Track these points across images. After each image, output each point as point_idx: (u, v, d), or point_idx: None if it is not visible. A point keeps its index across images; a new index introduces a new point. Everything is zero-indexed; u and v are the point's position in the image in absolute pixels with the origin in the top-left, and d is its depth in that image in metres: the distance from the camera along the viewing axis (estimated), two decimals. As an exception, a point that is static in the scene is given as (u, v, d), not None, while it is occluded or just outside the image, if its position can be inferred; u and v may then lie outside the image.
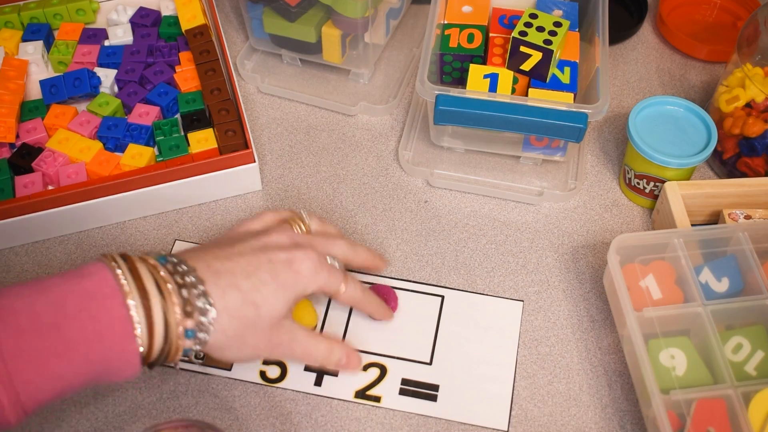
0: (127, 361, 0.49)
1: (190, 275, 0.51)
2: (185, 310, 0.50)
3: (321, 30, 0.81)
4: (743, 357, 0.61)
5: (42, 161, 0.74)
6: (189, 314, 0.50)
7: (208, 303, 0.51)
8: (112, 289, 0.49)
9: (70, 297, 0.48)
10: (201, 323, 0.51)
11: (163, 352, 0.51)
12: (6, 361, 0.46)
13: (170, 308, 0.49)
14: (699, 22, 0.95)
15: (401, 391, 0.65)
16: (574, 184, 0.78)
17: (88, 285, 0.49)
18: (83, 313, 0.48)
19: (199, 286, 0.51)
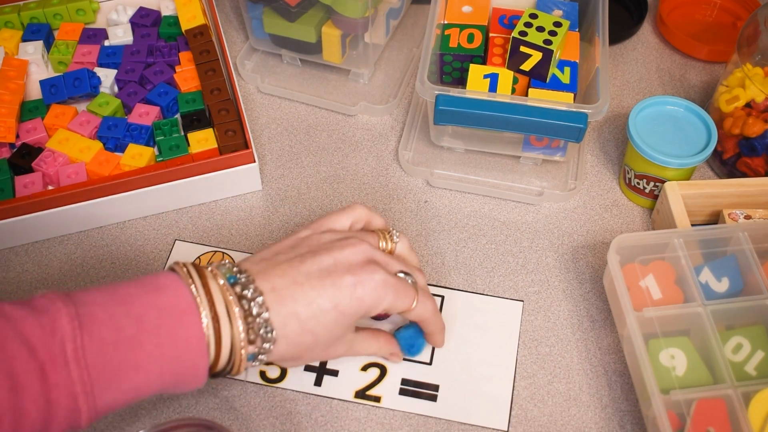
0: (196, 375, 0.51)
1: (256, 302, 0.53)
2: (249, 338, 0.52)
3: (321, 30, 0.81)
4: (743, 357, 0.61)
5: (42, 161, 0.74)
6: (252, 341, 0.52)
7: (269, 332, 0.53)
8: (188, 305, 0.51)
9: (150, 312, 0.50)
10: (262, 348, 0.53)
11: (225, 369, 0.53)
12: (90, 371, 0.47)
13: (236, 334, 0.52)
14: (699, 22, 0.95)
15: (401, 391, 0.65)
16: (574, 184, 0.78)
17: (166, 300, 0.51)
18: (162, 329, 0.49)
19: (263, 315, 0.52)
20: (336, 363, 0.66)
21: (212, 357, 0.51)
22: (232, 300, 0.52)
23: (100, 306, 0.49)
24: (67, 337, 0.47)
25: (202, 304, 0.51)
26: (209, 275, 0.53)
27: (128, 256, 0.73)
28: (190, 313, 0.50)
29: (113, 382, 0.48)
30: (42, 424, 0.46)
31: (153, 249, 0.74)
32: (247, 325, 0.52)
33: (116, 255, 0.73)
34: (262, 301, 0.53)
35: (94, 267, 0.72)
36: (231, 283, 0.53)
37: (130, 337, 0.49)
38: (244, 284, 0.53)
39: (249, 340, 0.52)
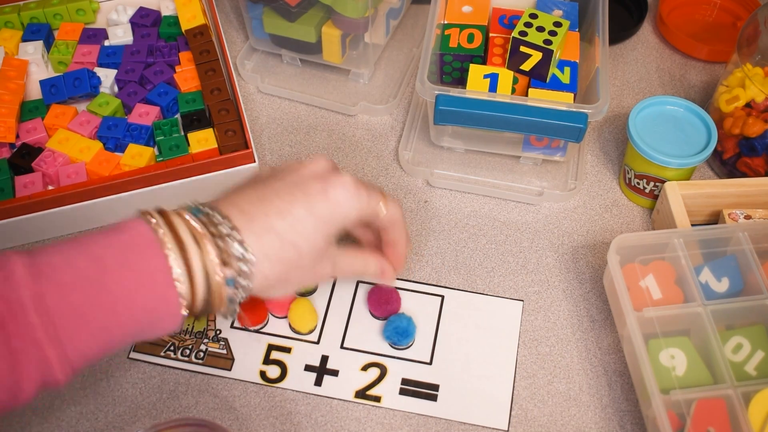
0: (168, 311, 0.49)
1: (224, 225, 0.50)
2: (223, 260, 0.49)
3: (321, 30, 0.81)
4: (743, 357, 0.61)
5: (42, 161, 0.74)
6: (227, 263, 0.50)
7: (245, 250, 0.50)
8: (149, 240, 0.49)
9: (109, 251, 0.48)
10: (241, 271, 0.50)
11: (207, 301, 0.50)
12: (52, 316, 0.45)
13: (207, 258, 0.49)
14: (699, 22, 0.95)
15: (401, 391, 0.65)
16: (574, 184, 0.78)
17: (126, 238, 0.49)
18: (123, 265, 0.48)
19: (234, 234, 0.50)
20: (336, 363, 0.67)
21: (186, 290, 0.49)
22: (197, 227, 0.50)
23: (57, 253, 0.48)
24: (22, 284, 0.45)
25: (165, 235, 0.49)
26: (172, 213, 0.51)
27: (128, 256, 0.73)
28: (152, 246, 0.48)
29: (80, 326, 0.46)
30: (11, 378, 0.44)
31: None
32: (218, 248, 0.49)
33: (116, 255, 0.73)
34: (231, 224, 0.51)
35: (94, 267, 0.72)
36: (196, 215, 0.51)
37: (91, 278, 0.47)
38: (208, 212, 0.51)
39: (223, 262, 0.49)
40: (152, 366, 0.67)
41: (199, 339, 0.68)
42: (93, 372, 0.66)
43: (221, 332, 0.69)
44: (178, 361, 0.67)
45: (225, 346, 0.68)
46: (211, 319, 0.69)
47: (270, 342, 0.68)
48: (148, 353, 0.67)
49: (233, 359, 0.67)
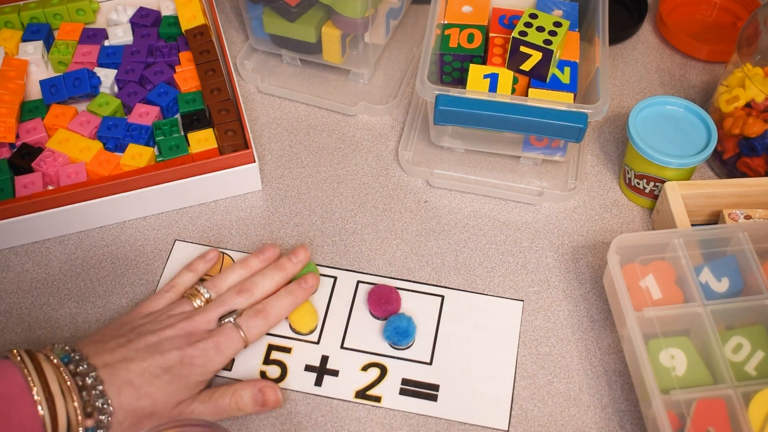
0: None
1: (90, 376, 0.55)
2: (86, 411, 0.54)
3: (321, 30, 0.81)
4: (743, 357, 0.61)
5: (42, 161, 0.74)
6: (89, 414, 0.54)
7: (105, 403, 0.55)
8: (20, 389, 0.52)
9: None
10: (100, 421, 0.55)
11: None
12: None
13: (72, 410, 0.53)
14: (699, 22, 0.95)
15: (401, 391, 0.65)
16: (574, 184, 0.78)
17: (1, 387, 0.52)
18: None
19: (98, 387, 0.55)
20: (336, 363, 0.67)
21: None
22: (66, 377, 0.54)
23: None
24: None
25: (35, 385, 0.53)
26: (42, 357, 0.55)
27: (128, 256, 0.73)
28: (23, 395, 0.52)
29: None
30: None
31: (153, 249, 0.74)
32: (83, 399, 0.54)
33: (116, 255, 0.73)
34: (96, 375, 0.55)
35: (94, 267, 0.72)
36: (65, 362, 0.55)
37: None
38: (78, 361, 0.56)
39: (86, 413, 0.54)
40: (152, 366, 0.67)
41: (199, 339, 0.68)
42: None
43: (221, 332, 0.69)
44: (178, 361, 0.67)
45: (225, 347, 0.68)
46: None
47: (270, 342, 0.68)
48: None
49: (233, 359, 0.67)
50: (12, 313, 0.69)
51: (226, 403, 0.61)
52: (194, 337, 0.61)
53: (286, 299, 0.66)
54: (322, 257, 0.73)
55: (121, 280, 0.72)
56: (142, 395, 0.57)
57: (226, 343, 0.62)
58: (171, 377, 0.58)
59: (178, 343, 0.60)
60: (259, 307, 0.64)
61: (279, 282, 0.67)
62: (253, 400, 0.61)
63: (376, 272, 0.72)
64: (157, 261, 0.73)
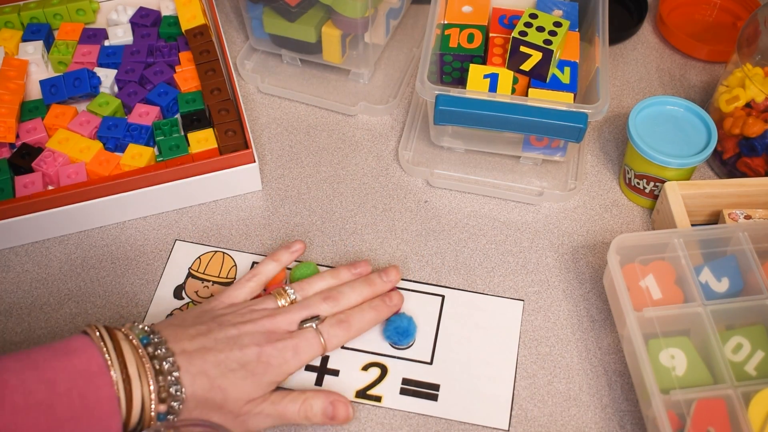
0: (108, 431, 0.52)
1: (168, 361, 0.55)
2: (160, 397, 0.54)
3: (321, 30, 0.81)
4: (743, 357, 0.61)
5: (42, 161, 0.74)
6: (163, 400, 0.54)
7: (180, 391, 0.55)
8: (99, 367, 0.52)
9: (61, 375, 0.51)
10: (171, 407, 0.55)
11: (136, 428, 0.54)
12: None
13: (147, 394, 0.53)
14: (699, 22, 0.95)
15: (402, 391, 0.65)
16: (574, 184, 0.78)
17: (77, 363, 0.52)
18: (73, 391, 0.51)
19: (174, 373, 0.55)
20: (337, 362, 0.67)
21: (124, 417, 0.53)
22: (145, 360, 0.54)
23: (11, 372, 0.50)
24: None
25: (113, 365, 0.53)
26: (122, 336, 0.55)
27: (128, 256, 0.73)
28: (101, 374, 0.52)
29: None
30: None
31: (153, 249, 0.74)
32: (158, 384, 0.54)
33: (116, 255, 0.73)
34: (174, 360, 0.55)
35: (94, 267, 0.72)
36: (144, 344, 0.55)
37: (42, 402, 0.50)
38: (157, 344, 0.56)
39: (160, 399, 0.54)
40: (152, 366, 0.67)
41: (199, 339, 0.68)
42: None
43: (221, 332, 0.69)
44: (178, 361, 0.67)
45: (225, 347, 0.68)
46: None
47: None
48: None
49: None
50: (12, 313, 0.69)
51: (295, 410, 0.60)
52: (274, 336, 0.60)
53: (370, 314, 0.65)
54: (322, 257, 0.73)
55: (121, 280, 0.72)
56: (215, 387, 0.56)
57: (305, 347, 0.61)
58: (246, 373, 0.57)
59: (257, 340, 0.59)
60: (342, 317, 0.64)
61: (366, 296, 0.66)
62: (323, 413, 0.61)
63: (376, 272, 0.72)
64: (157, 261, 0.73)
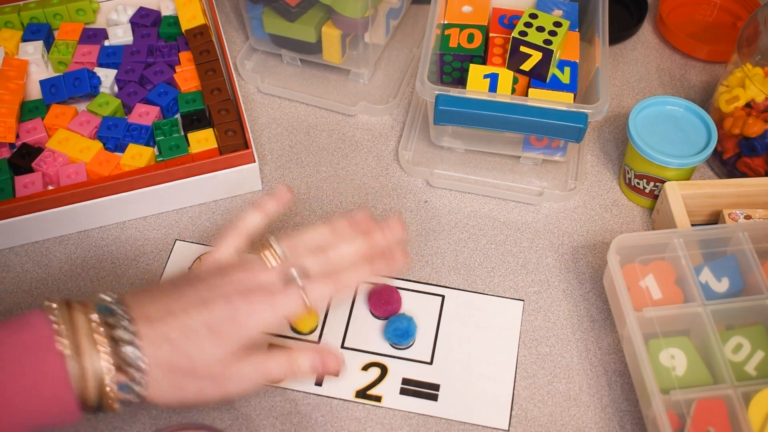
0: (67, 411, 0.50)
1: (128, 330, 0.51)
2: (118, 366, 0.51)
3: (321, 30, 0.81)
4: (743, 357, 0.61)
5: (42, 161, 0.74)
6: (121, 370, 0.51)
7: (140, 360, 0.51)
8: (47, 341, 0.50)
9: (12, 349, 0.49)
10: (134, 378, 0.51)
11: (98, 403, 0.51)
12: None
13: (100, 365, 0.50)
14: (699, 22, 0.95)
15: (402, 391, 0.65)
16: (574, 184, 0.78)
17: (26, 337, 0.50)
18: (24, 366, 0.49)
19: (134, 341, 0.51)
20: (336, 363, 0.67)
21: (80, 393, 0.50)
22: (99, 330, 0.51)
23: None
24: None
25: (62, 337, 0.50)
26: (78, 308, 0.52)
27: (128, 256, 0.73)
28: (50, 347, 0.49)
29: None
30: None
31: (153, 249, 0.74)
32: (115, 354, 0.51)
33: (116, 255, 0.73)
34: (133, 329, 0.52)
35: (94, 267, 0.72)
36: (103, 313, 0.52)
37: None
38: (115, 312, 0.52)
39: (118, 368, 0.50)
40: (152, 366, 0.67)
41: (199, 339, 0.68)
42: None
43: (221, 332, 0.69)
44: (178, 361, 0.67)
45: (225, 346, 0.68)
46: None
47: (270, 342, 0.68)
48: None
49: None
50: (12, 313, 0.69)
51: (280, 369, 0.56)
52: (250, 293, 0.55)
53: (364, 269, 0.58)
54: (322, 257, 0.73)
55: (121, 280, 0.72)
56: (179, 352, 0.52)
57: (282, 303, 0.55)
58: (213, 336, 0.53)
59: (229, 297, 0.54)
60: (331, 270, 0.57)
61: (361, 252, 0.59)
62: (311, 367, 0.57)
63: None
64: (157, 261, 0.73)
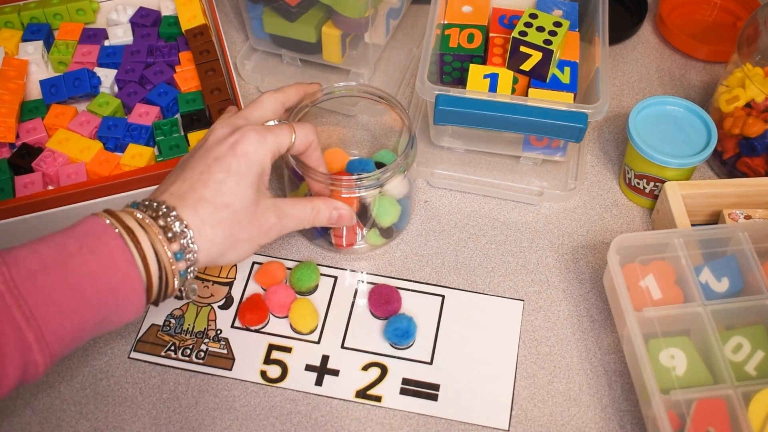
0: (132, 289, 0.52)
1: (161, 207, 0.55)
2: (167, 237, 0.54)
3: (321, 30, 0.81)
4: (743, 357, 0.61)
5: (42, 161, 0.74)
6: (172, 239, 0.54)
7: (184, 225, 0.55)
8: (104, 227, 0.53)
9: (70, 239, 0.52)
10: (184, 245, 0.55)
11: (162, 279, 0.54)
12: (26, 298, 0.48)
13: (155, 237, 0.53)
14: (699, 22, 0.95)
15: (402, 391, 0.65)
16: (574, 184, 0.78)
17: (83, 229, 0.53)
18: (84, 248, 0.51)
19: (171, 213, 0.55)
20: (337, 363, 0.67)
21: (142, 269, 0.52)
22: (140, 215, 0.54)
23: (21, 246, 0.51)
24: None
25: (114, 223, 0.53)
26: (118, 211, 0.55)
27: (128, 256, 0.73)
28: (107, 233, 0.52)
29: (51, 305, 0.49)
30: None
31: None
32: (161, 228, 0.54)
33: (116, 255, 0.73)
34: (167, 204, 0.55)
35: (94, 267, 0.72)
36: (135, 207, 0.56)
37: (56, 262, 0.50)
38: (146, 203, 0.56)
39: (168, 239, 0.54)
40: (152, 366, 0.67)
41: (199, 339, 0.68)
42: (93, 372, 0.66)
43: (222, 332, 0.69)
44: (178, 360, 0.67)
45: (225, 346, 0.68)
46: (211, 319, 0.69)
47: (271, 342, 0.68)
48: (148, 353, 0.67)
49: (234, 359, 0.67)
50: (12, 313, 0.69)
51: (307, 213, 0.63)
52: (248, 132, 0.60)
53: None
54: (322, 257, 0.73)
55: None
56: (218, 206, 0.56)
57: (277, 130, 0.61)
58: (236, 178, 0.58)
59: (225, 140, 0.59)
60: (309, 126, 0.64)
61: None
62: (328, 219, 0.65)
63: (376, 272, 0.72)
64: (157, 261, 0.73)
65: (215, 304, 0.71)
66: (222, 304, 0.71)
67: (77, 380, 0.66)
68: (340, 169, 0.74)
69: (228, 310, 0.70)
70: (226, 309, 0.70)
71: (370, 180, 0.65)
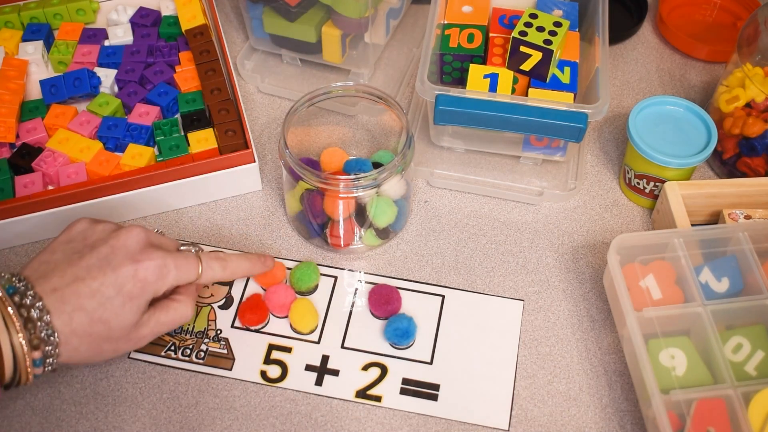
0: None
1: (36, 307, 0.53)
2: (32, 344, 0.53)
3: (321, 30, 0.81)
4: (743, 357, 0.61)
5: (42, 161, 0.74)
6: (36, 347, 0.53)
7: (52, 335, 0.54)
8: None
9: None
10: (47, 352, 0.54)
11: (14, 379, 0.54)
12: None
13: (17, 344, 0.52)
14: (699, 22, 0.95)
15: (402, 391, 0.65)
16: (574, 184, 0.78)
17: None
18: None
19: (44, 318, 0.53)
20: (337, 363, 0.67)
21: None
22: (10, 311, 0.53)
23: None
24: None
25: None
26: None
27: (128, 256, 0.73)
28: None
29: None
30: None
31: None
32: (29, 332, 0.53)
33: (116, 255, 0.73)
34: (42, 305, 0.54)
35: (94, 267, 0.72)
36: (10, 294, 0.54)
37: None
38: (23, 292, 0.54)
39: (33, 346, 0.53)
40: (152, 366, 0.67)
41: (199, 339, 0.68)
42: (93, 372, 0.66)
43: (222, 332, 0.69)
44: (178, 360, 0.67)
45: (226, 346, 0.68)
46: (211, 319, 0.69)
47: (271, 342, 0.68)
48: (148, 353, 0.67)
49: (234, 359, 0.67)
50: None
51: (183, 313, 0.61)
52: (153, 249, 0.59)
53: (245, 263, 0.65)
54: (322, 257, 0.73)
55: None
56: (95, 321, 0.55)
57: (184, 265, 0.60)
58: (123, 299, 0.56)
59: (132, 254, 0.57)
60: (222, 255, 0.64)
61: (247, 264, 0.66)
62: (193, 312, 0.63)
63: (376, 272, 0.72)
64: (157, 261, 0.73)
65: (215, 304, 0.71)
66: (222, 304, 0.71)
67: (77, 380, 0.66)
68: (338, 169, 0.74)
69: (228, 310, 0.70)
70: (226, 309, 0.70)
71: (367, 180, 0.65)
